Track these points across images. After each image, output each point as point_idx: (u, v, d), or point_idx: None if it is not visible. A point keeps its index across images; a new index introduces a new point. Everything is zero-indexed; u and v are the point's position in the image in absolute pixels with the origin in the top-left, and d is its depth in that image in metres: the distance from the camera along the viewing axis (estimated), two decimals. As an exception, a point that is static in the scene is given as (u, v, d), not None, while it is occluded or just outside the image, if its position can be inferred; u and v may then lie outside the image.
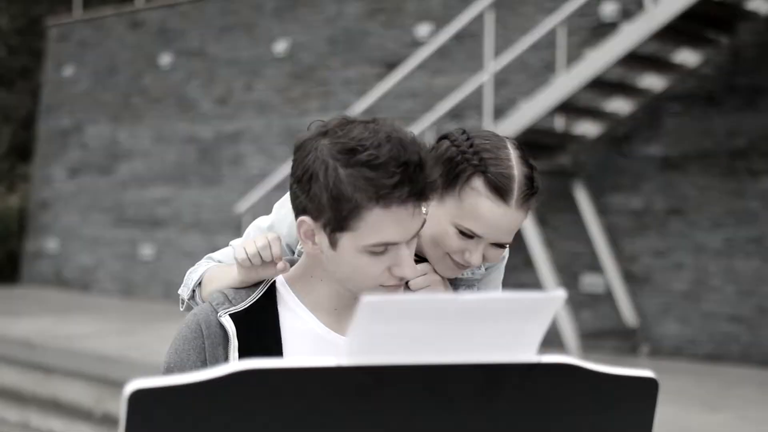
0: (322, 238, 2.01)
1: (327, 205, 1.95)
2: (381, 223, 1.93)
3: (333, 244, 1.99)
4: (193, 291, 2.33)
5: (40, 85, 20.26)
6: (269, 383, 1.44)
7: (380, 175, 1.89)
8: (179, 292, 2.37)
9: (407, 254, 1.98)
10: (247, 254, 2.14)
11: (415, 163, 1.91)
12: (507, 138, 2.33)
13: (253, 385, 1.43)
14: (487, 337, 1.48)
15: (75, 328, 12.68)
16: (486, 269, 2.53)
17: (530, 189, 2.27)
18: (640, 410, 1.67)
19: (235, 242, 2.35)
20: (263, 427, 1.46)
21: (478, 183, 2.22)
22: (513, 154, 2.27)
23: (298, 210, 2.03)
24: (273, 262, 2.16)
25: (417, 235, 2.00)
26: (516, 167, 2.25)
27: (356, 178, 1.91)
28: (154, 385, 1.40)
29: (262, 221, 2.43)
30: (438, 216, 2.22)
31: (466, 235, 2.24)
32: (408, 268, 1.99)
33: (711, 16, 10.03)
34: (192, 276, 2.35)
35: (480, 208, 2.22)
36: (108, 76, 18.01)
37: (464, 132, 2.29)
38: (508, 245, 2.58)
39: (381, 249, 1.96)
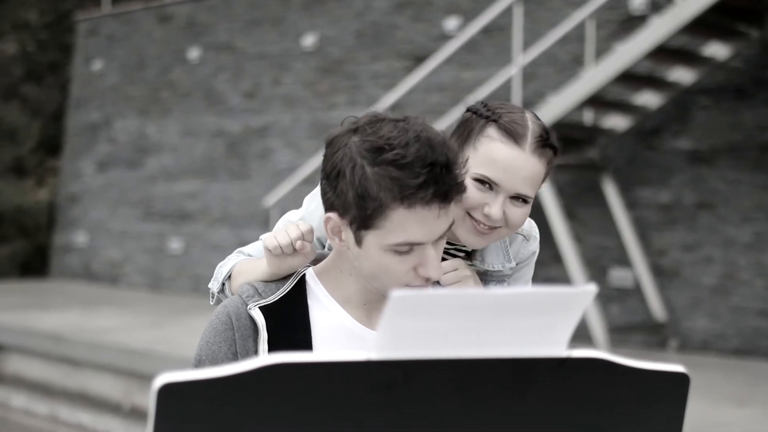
0: (348, 235, 2.02)
1: (353, 203, 1.95)
2: (405, 222, 1.93)
3: (359, 241, 2.00)
4: (223, 284, 2.33)
5: (69, 79, 20.33)
6: (298, 377, 1.43)
7: (406, 174, 1.89)
8: (209, 285, 2.39)
9: (433, 255, 1.98)
10: (279, 243, 2.15)
11: (441, 164, 1.90)
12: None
13: (282, 378, 1.42)
14: (517, 331, 1.47)
15: (103, 322, 12.72)
16: (516, 264, 2.52)
17: (545, 139, 2.29)
18: (671, 405, 1.66)
19: (265, 236, 2.36)
20: (292, 420, 1.46)
21: (491, 130, 2.27)
22: (528, 115, 2.32)
23: (326, 206, 2.04)
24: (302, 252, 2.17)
25: (444, 236, 1.99)
26: (529, 121, 2.30)
27: (382, 177, 1.91)
28: (183, 378, 1.40)
29: (293, 215, 2.43)
30: None
31: (484, 184, 2.26)
32: (433, 269, 1.98)
33: (740, 9, 9.97)
34: (222, 269, 2.36)
35: (494, 151, 2.25)
36: (136, 70, 18.06)
37: (481, 101, 2.37)
38: (536, 239, 2.58)
39: (405, 249, 1.96)
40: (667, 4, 10.59)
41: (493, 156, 2.24)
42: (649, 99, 11.00)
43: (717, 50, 10.63)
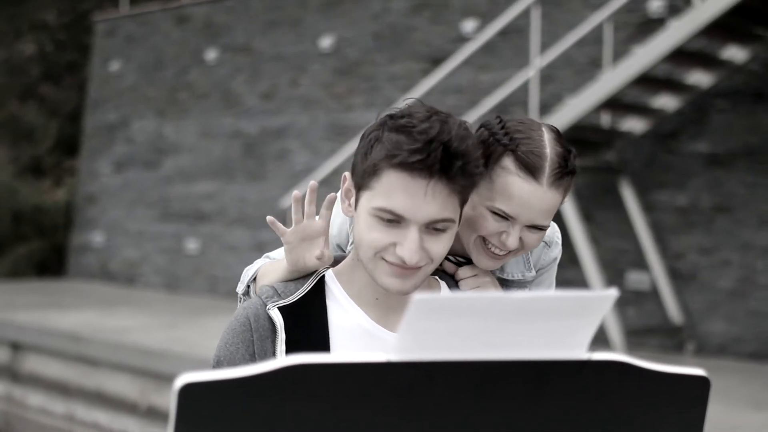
0: (353, 199, 2.08)
1: (360, 159, 2.03)
2: (392, 188, 1.96)
3: (356, 203, 2.06)
4: (248, 287, 2.34)
5: (87, 79, 20.39)
6: (319, 378, 1.44)
7: (405, 139, 1.94)
8: (237, 289, 2.39)
9: (414, 238, 1.98)
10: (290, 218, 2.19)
11: (442, 142, 1.92)
12: (545, 123, 2.30)
13: (302, 379, 1.43)
14: (537, 335, 1.47)
15: (120, 322, 12.75)
16: (537, 271, 2.51)
17: (563, 168, 2.23)
18: (691, 408, 1.66)
19: None
20: (312, 421, 1.46)
21: (508, 162, 2.21)
22: (547, 135, 2.25)
23: (351, 166, 2.10)
24: (317, 243, 2.19)
25: (434, 227, 2.00)
26: (549, 147, 2.23)
27: (388, 139, 1.97)
28: (203, 379, 1.40)
29: None
30: (473, 200, 2.19)
31: (501, 216, 2.23)
32: (409, 251, 1.98)
33: (759, 12, 9.95)
34: (248, 273, 2.38)
35: (510, 186, 2.20)
36: (154, 71, 18.10)
37: (499, 118, 2.30)
38: (557, 244, 2.57)
39: (388, 216, 1.97)
40: (685, 7, 10.57)
41: (509, 191, 2.20)
42: (666, 102, 10.98)
43: (735, 53, 10.60)
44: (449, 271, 2.34)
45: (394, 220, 1.98)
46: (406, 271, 2.02)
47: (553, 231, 2.54)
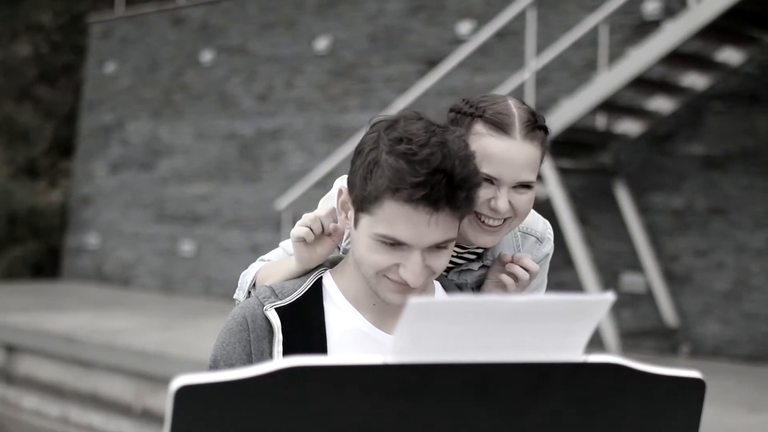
0: (351, 214, 2.06)
1: (359, 182, 2.00)
2: (395, 217, 1.94)
3: (356, 222, 2.04)
4: (249, 293, 2.33)
5: (82, 81, 20.38)
6: (315, 380, 1.44)
7: (407, 170, 1.91)
8: (235, 296, 2.39)
9: (417, 261, 1.98)
10: (309, 225, 2.17)
11: (445, 173, 1.91)
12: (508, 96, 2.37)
13: (298, 382, 1.43)
14: (533, 337, 1.47)
15: (115, 324, 12.75)
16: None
17: (533, 122, 2.28)
18: (686, 411, 1.66)
19: (284, 243, 2.37)
20: (309, 423, 1.46)
21: (478, 126, 2.26)
22: (511, 101, 2.32)
23: (347, 180, 2.08)
24: (328, 235, 2.20)
25: (442, 250, 2.00)
26: (514, 107, 2.29)
27: (389, 165, 1.94)
28: (200, 381, 1.41)
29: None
30: None
31: (487, 180, 2.24)
32: (412, 274, 1.99)
33: (754, 15, 9.96)
34: (246, 278, 2.37)
35: (486, 147, 2.23)
36: (149, 72, 18.09)
37: (463, 98, 2.38)
38: (550, 240, 2.58)
39: (391, 242, 1.97)
40: (680, 9, 10.58)
41: (486, 152, 2.22)
42: (662, 104, 10.99)
43: (730, 56, 10.61)
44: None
45: (396, 244, 1.98)
46: (409, 288, 2.03)
47: (545, 227, 2.57)
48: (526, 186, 2.29)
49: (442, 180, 1.90)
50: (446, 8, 13.64)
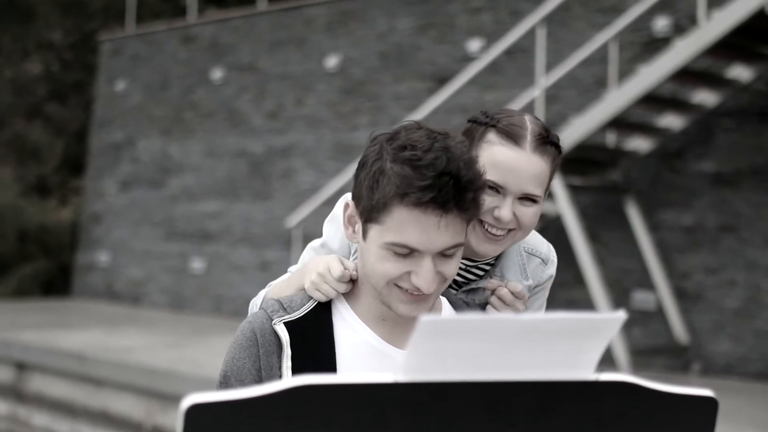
0: (359, 227, 2.06)
1: (365, 193, 2.00)
2: (405, 223, 1.95)
3: (364, 234, 2.04)
4: None
5: (92, 99, 20.44)
6: (326, 399, 1.43)
7: (414, 175, 1.92)
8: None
9: (429, 267, 1.98)
10: (317, 288, 2.16)
11: (451, 175, 1.91)
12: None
13: (309, 400, 1.42)
14: (544, 355, 1.47)
15: (125, 341, 12.74)
16: (534, 287, 2.53)
17: (545, 137, 2.32)
18: (698, 429, 1.65)
19: (293, 269, 2.37)
20: (320, 443, 1.45)
21: (491, 135, 2.32)
22: (526, 116, 2.36)
23: (352, 194, 2.08)
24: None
25: (448, 254, 2.00)
26: (528, 121, 2.34)
27: (395, 173, 1.94)
28: (210, 399, 1.40)
29: (316, 242, 2.45)
30: None
31: (491, 188, 2.27)
32: (425, 281, 1.99)
33: (764, 32, 9.95)
34: (255, 302, 2.37)
35: (495, 155, 2.28)
36: (160, 90, 18.13)
37: (482, 111, 2.43)
38: (554, 263, 2.58)
39: (402, 251, 1.97)
40: (690, 26, 10.58)
41: (495, 159, 2.27)
42: (672, 121, 10.98)
43: (740, 73, 10.61)
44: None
45: (407, 251, 1.98)
46: (421, 297, 2.03)
47: (549, 250, 2.58)
48: (532, 199, 2.32)
49: (449, 182, 1.91)
50: (456, 26, 13.65)
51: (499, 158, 2.27)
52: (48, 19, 23.50)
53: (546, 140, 2.31)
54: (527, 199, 2.31)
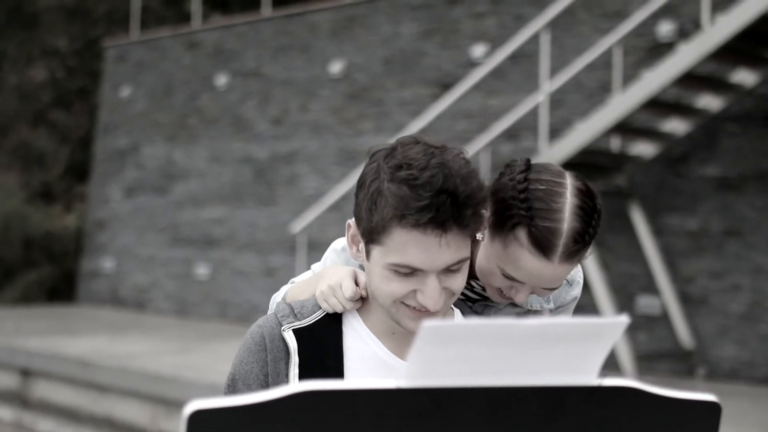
0: (362, 247, 2.04)
1: (365, 215, 1.98)
2: (406, 244, 1.92)
3: (368, 254, 2.02)
4: None
5: (97, 105, 20.45)
6: (330, 405, 1.43)
7: (411, 195, 1.89)
8: None
9: (434, 285, 1.96)
10: (327, 302, 2.15)
11: (450, 194, 1.88)
12: (574, 182, 2.22)
13: (313, 406, 1.42)
14: (548, 360, 1.47)
15: (130, 347, 12.74)
16: (557, 308, 2.49)
17: (578, 245, 2.14)
18: (702, 434, 1.65)
19: (316, 266, 2.36)
20: (323, 448, 1.45)
21: (521, 234, 2.13)
22: (569, 204, 2.15)
23: (353, 213, 2.06)
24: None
25: (454, 269, 1.98)
26: (567, 221, 2.13)
27: (392, 193, 1.91)
28: (213, 405, 1.40)
29: (338, 243, 2.41)
30: (487, 252, 2.19)
31: (509, 278, 2.19)
32: (430, 299, 1.96)
33: (769, 36, 9.95)
34: (276, 298, 2.35)
35: (520, 259, 2.15)
36: (164, 96, 18.15)
37: (527, 168, 2.20)
38: (579, 284, 2.54)
39: (406, 270, 1.95)
40: (694, 31, 10.57)
41: (519, 263, 2.15)
42: (676, 126, 10.97)
43: (745, 77, 10.60)
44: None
45: (411, 271, 1.96)
46: (430, 314, 2.01)
47: (576, 271, 2.48)
48: (551, 289, 2.24)
49: (446, 200, 1.88)
50: (460, 31, 13.66)
51: (523, 264, 2.14)
52: (52, 25, 23.52)
53: (578, 249, 2.15)
54: (545, 289, 2.24)
